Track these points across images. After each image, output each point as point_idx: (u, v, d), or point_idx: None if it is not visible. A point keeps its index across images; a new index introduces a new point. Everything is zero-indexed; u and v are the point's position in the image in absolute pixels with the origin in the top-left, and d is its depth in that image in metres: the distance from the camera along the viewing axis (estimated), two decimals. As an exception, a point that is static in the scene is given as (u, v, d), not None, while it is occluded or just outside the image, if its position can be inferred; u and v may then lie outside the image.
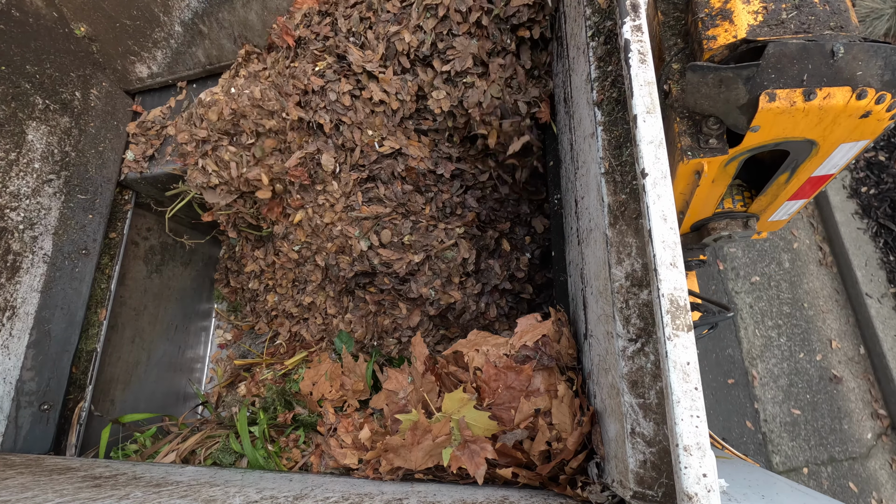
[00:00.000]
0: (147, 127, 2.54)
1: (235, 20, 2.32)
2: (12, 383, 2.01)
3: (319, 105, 2.14)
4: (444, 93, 1.99)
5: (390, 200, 2.19)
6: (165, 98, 2.66)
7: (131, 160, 2.50)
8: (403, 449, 1.40)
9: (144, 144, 2.51)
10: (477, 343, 1.51)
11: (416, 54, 2.00)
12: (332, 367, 2.12)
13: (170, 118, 2.56)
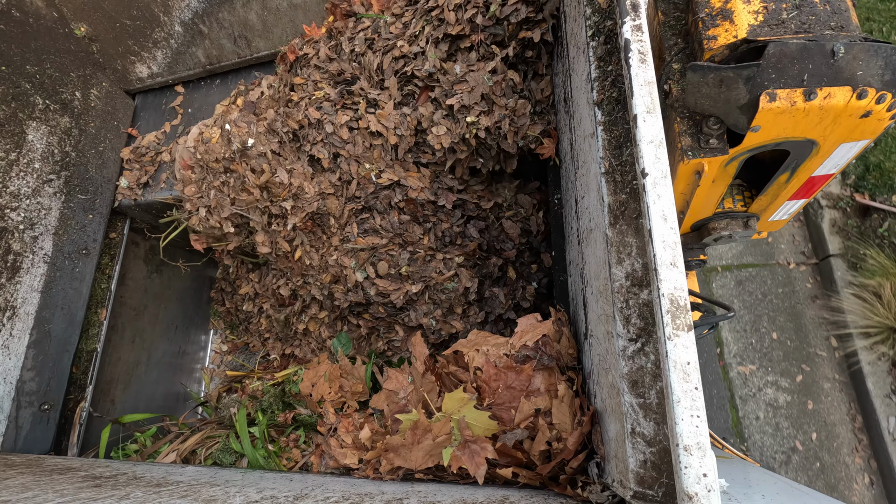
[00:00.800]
0: (141, 153, 2.50)
1: (235, 20, 2.33)
2: (13, 383, 2.01)
3: (316, 138, 2.08)
4: (445, 128, 1.92)
5: (387, 231, 2.12)
6: (164, 98, 2.65)
7: (125, 187, 2.46)
8: (404, 448, 1.40)
9: (139, 171, 2.47)
10: (477, 343, 1.51)
11: (418, 76, 1.95)
12: (330, 369, 2.11)
13: (164, 143, 2.53)
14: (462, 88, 1.87)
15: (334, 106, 2.06)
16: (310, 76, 2.15)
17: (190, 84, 2.65)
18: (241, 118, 2.14)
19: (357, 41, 2.07)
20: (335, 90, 2.06)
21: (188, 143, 2.18)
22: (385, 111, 1.96)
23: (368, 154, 2.04)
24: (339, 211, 2.10)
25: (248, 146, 2.07)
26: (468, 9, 1.87)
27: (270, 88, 2.28)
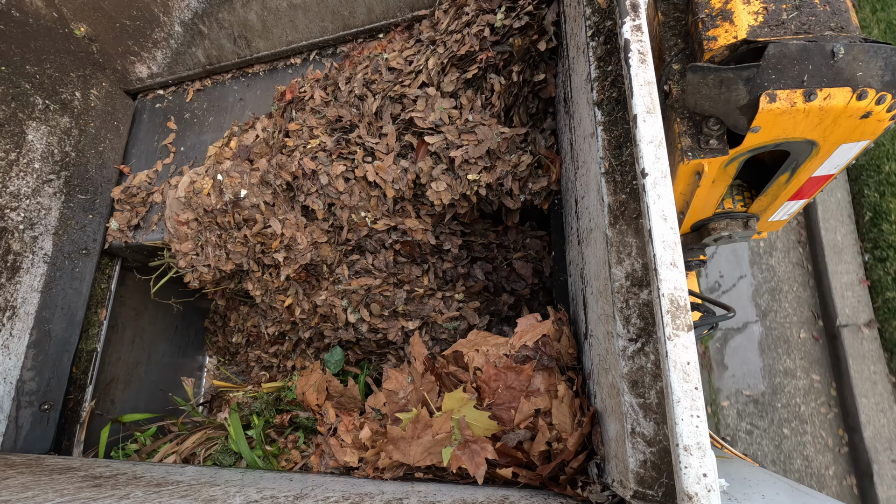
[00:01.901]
0: (132, 193, 2.44)
1: (235, 20, 2.33)
2: (13, 383, 2.01)
3: (311, 189, 2.00)
4: (445, 184, 1.83)
5: (380, 271, 2.04)
6: (157, 135, 2.59)
7: (115, 229, 2.39)
8: (403, 442, 1.41)
9: (129, 212, 2.40)
10: (477, 343, 1.51)
11: (417, 124, 1.88)
12: (320, 381, 2.03)
13: (156, 183, 2.47)
14: (469, 140, 1.80)
15: (330, 156, 2.00)
16: (305, 122, 2.10)
17: (185, 118, 2.58)
18: (233, 167, 2.09)
19: (356, 82, 2.02)
20: (331, 138, 2.01)
21: (179, 193, 2.12)
22: (384, 164, 1.89)
23: (364, 203, 1.98)
24: (332, 257, 2.05)
25: (241, 197, 2.03)
26: (474, 27, 1.85)
27: (265, 132, 2.23)
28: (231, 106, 2.51)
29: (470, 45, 1.83)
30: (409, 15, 2.21)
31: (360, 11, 2.23)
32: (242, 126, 2.39)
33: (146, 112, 2.67)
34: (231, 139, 2.36)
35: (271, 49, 2.42)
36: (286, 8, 2.25)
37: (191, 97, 2.60)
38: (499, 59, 1.82)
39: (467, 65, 1.86)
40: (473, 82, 1.88)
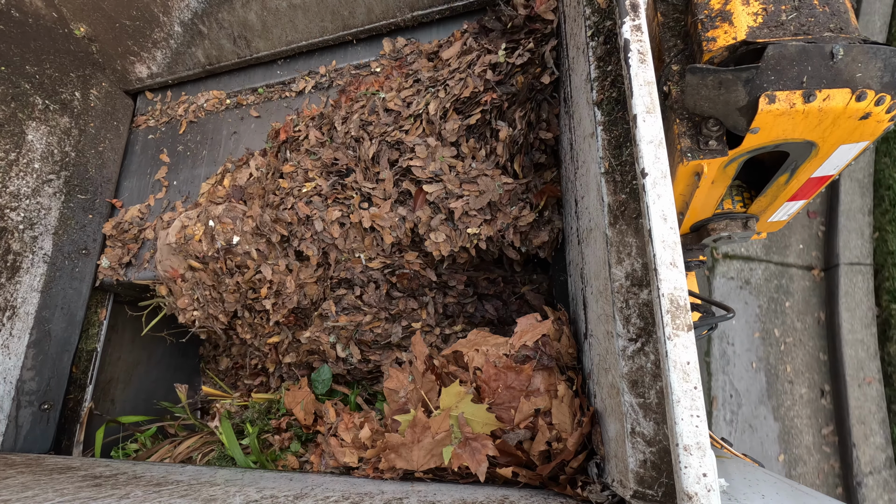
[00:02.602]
0: (124, 229, 2.39)
1: (235, 20, 2.33)
2: (13, 383, 2.01)
3: (305, 235, 1.95)
4: (444, 235, 1.76)
5: (370, 307, 1.93)
6: (149, 168, 2.55)
7: (106, 267, 2.35)
8: (404, 448, 1.41)
9: (121, 249, 2.36)
10: (477, 343, 1.51)
11: (415, 173, 1.81)
12: (308, 399, 1.96)
13: (149, 218, 2.43)
14: (470, 190, 1.74)
15: (325, 200, 1.94)
16: (300, 163, 2.05)
17: (178, 151, 2.53)
18: (226, 212, 2.04)
19: (352, 123, 1.97)
20: (327, 182, 1.96)
21: (170, 239, 2.08)
22: (381, 210, 1.83)
23: (359, 244, 1.92)
24: (317, 293, 1.99)
25: (234, 244, 2.00)
26: (477, 67, 1.83)
27: (259, 170, 2.19)
28: (225, 139, 2.46)
29: (474, 87, 1.79)
30: (408, 15, 2.21)
31: (359, 11, 2.23)
32: (236, 162, 2.34)
33: (139, 144, 2.63)
34: (224, 176, 2.31)
35: (271, 49, 2.42)
36: (286, 8, 2.25)
37: (184, 129, 2.55)
38: (503, 100, 1.77)
39: (470, 108, 1.81)
40: (476, 129, 1.82)
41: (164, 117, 2.63)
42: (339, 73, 2.34)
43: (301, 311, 2.02)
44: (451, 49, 2.00)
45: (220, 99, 2.56)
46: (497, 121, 1.78)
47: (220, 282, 2.05)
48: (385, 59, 2.24)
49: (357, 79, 2.24)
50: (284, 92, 2.43)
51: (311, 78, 2.38)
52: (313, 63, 2.44)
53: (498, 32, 1.89)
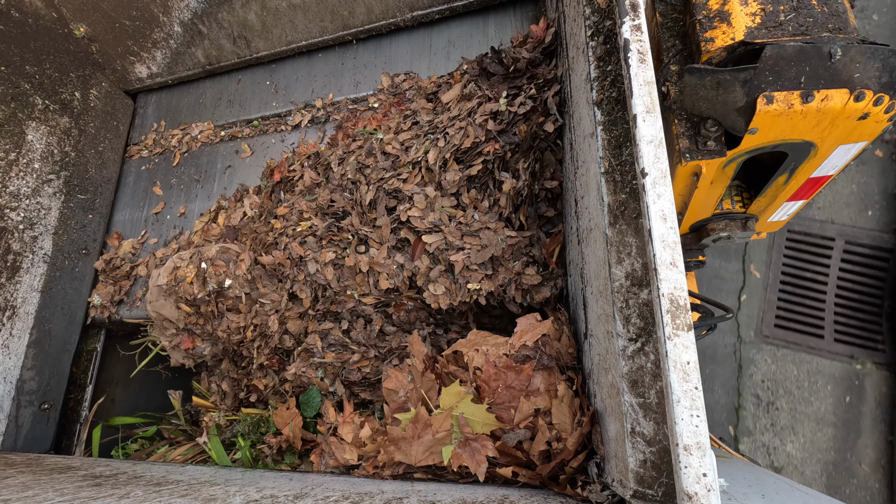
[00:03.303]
0: (116, 265, 2.35)
1: (235, 20, 2.33)
2: (13, 382, 2.02)
3: (297, 277, 1.89)
4: (444, 288, 1.69)
5: (359, 344, 1.82)
6: (144, 200, 2.52)
7: (98, 305, 2.30)
8: (404, 442, 1.41)
9: (113, 287, 2.31)
10: (477, 343, 1.51)
11: (413, 224, 1.75)
12: (296, 421, 1.87)
13: (142, 254, 2.38)
14: (471, 243, 1.68)
15: (320, 241, 1.90)
16: (294, 205, 2.00)
17: (171, 184, 2.49)
18: (219, 255, 2.01)
19: (349, 166, 1.92)
20: (323, 223, 1.91)
21: (161, 280, 2.05)
22: (378, 256, 1.77)
23: (352, 283, 1.85)
24: (299, 329, 1.92)
25: (226, 287, 1.96)
26: (477, 116, 1.76)
27: (252, 210, 2.15)
28: (219, 173, 2.42)
29: (475, 137, 1.73)
30: (408, 15, 2.21)
31: (359, 11, 2.23)
32: (230, 199, 2.30)
33: (132, 175, 2.59)
34: (219, 213, 2.27)
35: (271, 49, 2.42)
36: (286, 8, 2.25)
37: (177, 161, 2.51)
38: (506, 150, 1.71)
39: (472, 159, 1.76)
40: (477, 179, 1.76)
41: (158, 148, 2.57)
42: (336, 107, 2.29)
43: (284, 351, 1.96)
44: (451, 92, 1.96)
45: (215, 131, 2.51)
46: (500, 171, 1.73)
47: (211, 326, 2.00)
48: (383, 94, 2.19)
49: (354, 114, 2.20)
50: (280, 125, 2.38)
51: (307, 111, 2.33)
52: (315, 62, 2.43)
53: (499, 77, 1.83)
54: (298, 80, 2.43)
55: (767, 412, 3.31)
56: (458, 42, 2.21)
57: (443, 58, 2.20)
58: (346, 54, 2.38)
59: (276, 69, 2.50)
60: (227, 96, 2.55)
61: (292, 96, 2.41)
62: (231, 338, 1.97)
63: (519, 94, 1.75)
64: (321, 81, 2.39)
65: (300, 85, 2.42)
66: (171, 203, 2.46)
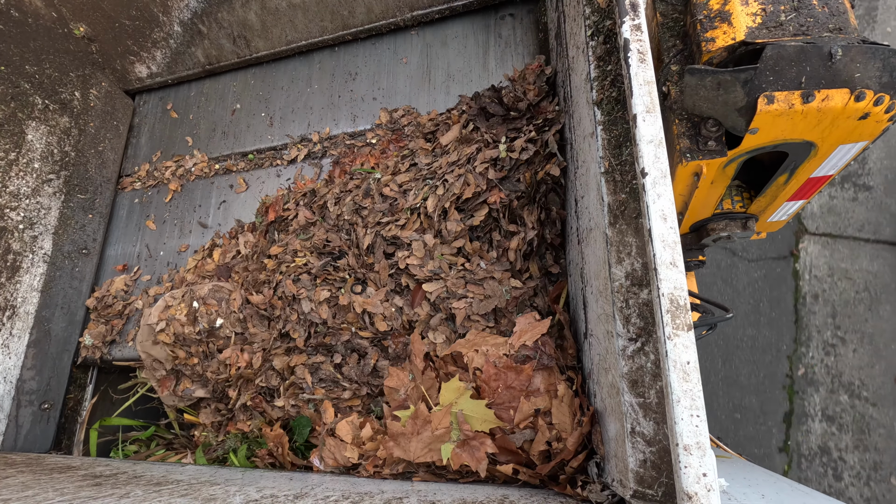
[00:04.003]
0: (107, 304, 2.29)
1: (234, 20, 2.33)
2: (13, 382, 2.02)
3: (290, 317, 1.84)
4: (444, 336, 1.63)
5: (351, 381, 1.74)
6: (137, 236, 2.47)
7: (89, 345, 2.24)
8: (403, 438, 1.42)
9: (105, 326, 2.25)
10: (476, 343, 1.51)
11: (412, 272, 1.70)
12: (284, 445, 1.79)
13: (134, 291, 2.33)
14: (474, 292, 1.63)
15: (314, 280, 1.85)
16: (288, 245, 1.95)
17: (165, 218, 2.42)
18: (212, 293, 1.98)
19: (345, 206, 1.87)
20: (319, 261, 1.86)
21: (152, 318, 2.01)
22: (374, 298, 1.72)
23: (348, 318, 1.79)
24: (284, 366, 1.85)
25: (217, 327, 1.93)
26: (478, 163, 1.70)
27: (247, 247, 2.11)
28: (213, 209, 2.37)
29: (476, 186, 1.67)
30: (408, 15, 2.21)
31: (359, 11, 2.23)
32: (224, 236, 2.26)
33: (125, 208, 2.54)
34: (213, 250, 2.23)
35: (271, 49, 2.42)
36: (285, 8, 2.25)
37: (171, 196, 2.46)
38: (512, 198, 1.65)
39: (474, 208, 1.69)
40: (480, 229, 1.70)
41: (151, 180, 2.52)
42: (333, 141, 2.25)
43: (269, 390, 1.89)
44: (450, 134, 1.90)
45: (209, 164, 2.46)
46: (507, 221, 1.67)
47: (201, 367, 1.96)
48: (381, 130, 2.16)
49: (352, 150, 2.17)
50: (276, 159, 2.34)
51: (303, 146, 2.29)
52: (312, 95, 2.38)
53: (498, 118, 1.79)
54: (294, 112, 2.39)
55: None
56: (457, 40, 2.21)
57: (443, 93, 2.17)
58: (345, 87, 2.33)
59: (272, 100, 2.44)
60: (222, 127, 2.50)
61: (288, 129, 2.37)
62: (219, 377, 1.92)
63: (518, 136, 1.70)
64: (318, 114, 2.34)
65: (296, 117, 2.37)
66: (165, 238, 2.40)
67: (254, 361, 1.86)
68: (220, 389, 1.97)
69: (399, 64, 2.28)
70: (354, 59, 2.36)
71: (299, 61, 2.48)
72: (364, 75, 2.32)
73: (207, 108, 2.58)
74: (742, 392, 3.35)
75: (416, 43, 2.28)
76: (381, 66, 2.31)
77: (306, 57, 2.46)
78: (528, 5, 2.16)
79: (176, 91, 2.69)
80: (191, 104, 2.63)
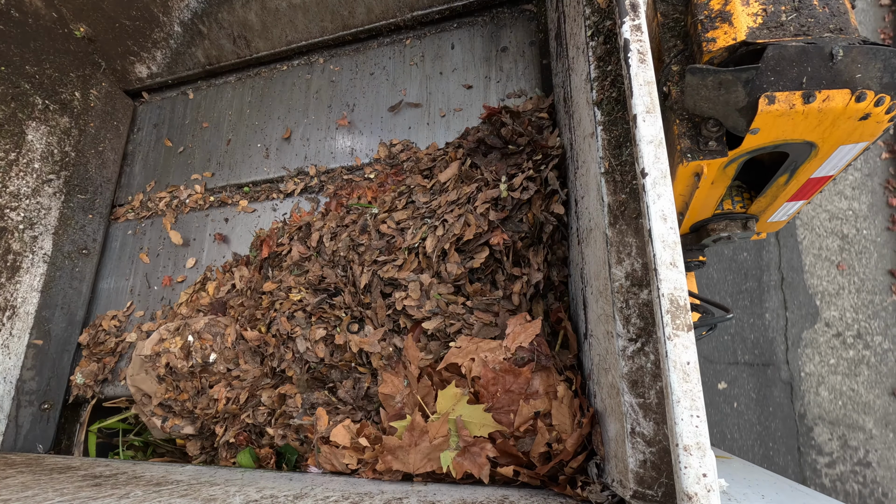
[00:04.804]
0: (100, 340, 2.25)
1: (235, 20, 2.33)
2: (13, 382, 2.02)
3: (285, 356, 1.80)
4: (437, 345, 1.60)
5: (345, 404, 1.71)
6: (129, 269, 2.41)
7: (80, 384, 2.19)
8: (401, 451, 1.40)
9: (97, 364, 2.20)
10: (470, 351, 1.49)
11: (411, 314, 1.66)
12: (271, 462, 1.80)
13: (127, 327, 2.28)
14: (478, 317, 1.61)
15: (309, 318, 1.81)
16: (282, 282, 1.92)
17: (158, 252, 2.37)
18: (207, 328, 1.95)
19: (341, 242, 1.85)
20: (315, 297, 1.83)
21: (145, 350, 1.98)
22: (370, 339, 1.69)
23: (343, 355, 1.76)
24: (274, 400, 1.81)
25: (210, 362, 1.90)
26: (478, 204, 1.65)
27: (241, 282, 2.08)
28: (208, 244, 2.32)
29: (477, 227, 1.62)
30: (408, 15, 2.21)
31: (359, 11, 2.23)
32: (218, 269, 2.24)
33: (118, 240, 2.50)
34: (206, 283, 2.20)
35: (271, 49, 2.42)
36: (286, 8, 2.25)
37: (165, 228, 2.41)
38: (515, 239, 1.61)
39: (475, 250, 1.65)
40: (481, 271, 1.66)
41: (145, 211, 2.48)
42: (331, 176, 2.21)
43: (256, 428, 1.84)
44: (448, 171, 1.87)
45: (204, 195, 2.41)
46: (509, 262, 1.62)
47: (191, 403, 1.93)
48: (380, 165, 2.13)
49: (349, 184, 2.13)
50: (272, 193, 2.30)
51: (300, 180, 2.24)
52: (308, 128, 2.33)
53: (497, 153, 1.75)
54: (291, 144, 2.33)
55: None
56: (462, 44, 2.21)
57: (442, 127, 2.13)
58: (342, 119, 2.28)
59: (268, 132, 2.39)
60: (217, 157, 2.45)
61: (284, 161, 2.32)
62: (206, 412, 1.88)
63: (518, 173, 1.68)
64: (314, 147, 2.29)
65: (293, 148, 2.33)
66: (159, 272, 2.35)
67: (241, 397, 1.82)
68: (208, 427, 1.92)
69: (398, 95, 2.23)
70: (352, 90, 2.31)
71: (297, 90, 2.41)
72: (362, 107, 2.27)
73: (202, 137, 2.52)
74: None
75: (415, 75, 2.23)
76: (380, 97, 2.25)
77: (305, 85, 2.40)
78: (530, 38, 2.10)
79: (171, 119, 2.62)
80: (185, 132, 2.56)
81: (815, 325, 3.41)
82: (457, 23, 2.25)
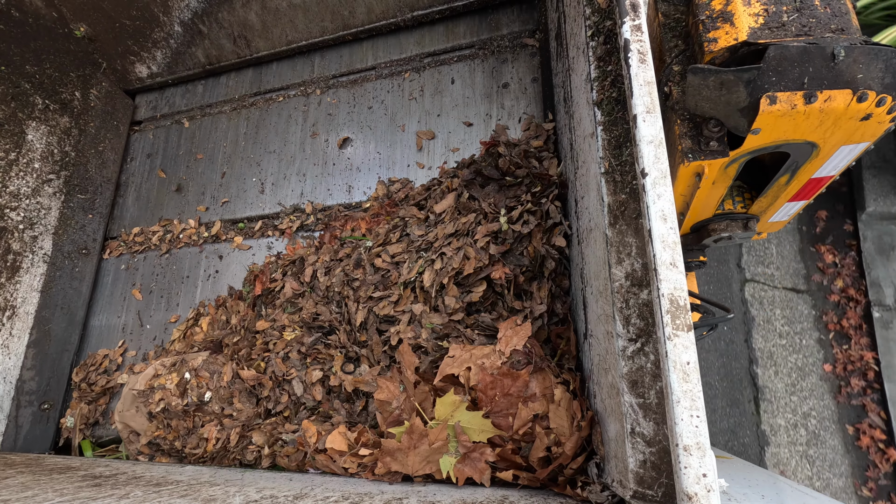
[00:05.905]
0: (91, 381, 2.20)
1: (235, 20, 2.33)
2: (12, 383, 2.01)
3: (280, 398, 1.76)
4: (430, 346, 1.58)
5: (337, 413, 1.70)
6: (122, 303, 2.38)
7: (70, 426, 2.13)
8: (400, 453, 1.40)
9: (88, 406, 2.15)
10: (464, 359, 1.46)
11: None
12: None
13: (119, 367, 2.24)
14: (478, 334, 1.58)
15: (304, 359, 1.78)
16: (276, 321, 1.88)
17: (151, 288, 2.34)
18: (205, 365, 1.91)
19: (335, 277, 1.81)
20: (310, 337, 1.80)
21: (139, 385, 1.93)
22: (365, 378, 1.66)
23: (340, 395, 1.74)
24: (266, 439, 1.75)
25: (205, 401, 1.85)
26: (479, 239, 1.61)
27: (235, 318, 2.04)
28: (202, 281, 2.29)
29: (477, 261, 1.59)
30: (408, 15, 2.21)
31: (360, 11, 2.23)
32: (210, 305, 2.20)
33: (110, 275, 2.45)
34: (200, 318, 2.16)
35: (271, 49, 2.42)
36: (286, 8, 2.25)
37: (158, 265, 2.38)
38: (517, 273, 1.58)
39: (474, 284, 1.62)
40: (480, 304, 1.62)
41: (137, 245, 2.44)
42: (327, 214, 2.17)
43: (247, 466, 1.81)
44: (444, 202, 1.81)
45: (198, 230, 2.38)
46: (511, 295, 1.59)
47: (180, 442, 1.89)
48: (377, 203, 2.07)
49: (343, 215, 2.10)
50: (267, 230, 2.26)
51: (296, 217, 2.21)
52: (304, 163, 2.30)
53: (495, 185, 1.71)
54: (287, 179, 2.30)
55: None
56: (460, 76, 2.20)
57: (441, 164, 2.09)
58: (339, 154, 2.25)
59: (263, 166, 2.36)
60: (212, 191, 2.41)
61: (280, 196, 2.28)
62: (195, 452, 1.84)
63: (516, 206, 1.64)
64: (311, 182, 2.26)
65: (289, 183, 2.29)
66: (152, 310, 2.30)
67: (231, 437, 1.77)
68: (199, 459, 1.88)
69: (396, 132, 2.18)
70: (349, 124, 2.27)
71: (293, 122, 2.37)
72: (359, 142, 2.23)
73: (197, 169, 2.48)
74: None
75: (414, 110, 2.19)
76: (378, 133, 2.21)
77: (302, 117, 2.37)
78: (532, 73, 2.05)
79: (165, 150, 2.58)
80: (180, 163, 2.53)
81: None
82: (457, 55, 2.19)
